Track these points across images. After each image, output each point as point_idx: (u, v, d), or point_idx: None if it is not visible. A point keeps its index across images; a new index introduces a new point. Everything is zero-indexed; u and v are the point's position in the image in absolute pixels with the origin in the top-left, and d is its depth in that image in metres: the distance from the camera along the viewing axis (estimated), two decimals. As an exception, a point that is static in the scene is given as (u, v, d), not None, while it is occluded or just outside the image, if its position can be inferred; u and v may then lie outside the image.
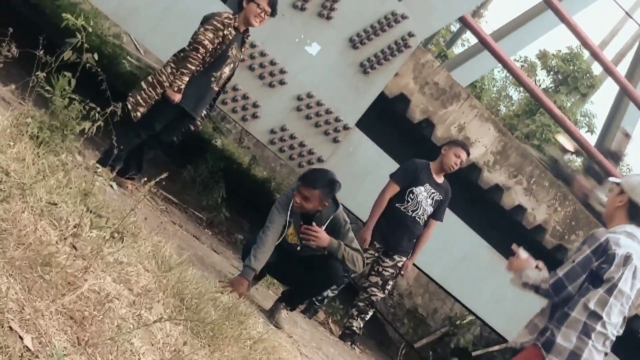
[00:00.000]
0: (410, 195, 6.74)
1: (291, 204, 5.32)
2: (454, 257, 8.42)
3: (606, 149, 10.08)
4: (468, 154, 6.95)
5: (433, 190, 6.79)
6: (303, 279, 5.37)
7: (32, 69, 4.18)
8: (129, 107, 5.62)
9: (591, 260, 3.92)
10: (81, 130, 4.34)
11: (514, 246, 4.26)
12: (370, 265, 6.89)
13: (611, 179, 4.35)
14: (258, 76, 6.94)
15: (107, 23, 10.47)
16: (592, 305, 3.91)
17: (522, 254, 4.20)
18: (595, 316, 3.92)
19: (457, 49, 23.08)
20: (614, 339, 4.04)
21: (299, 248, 5.36)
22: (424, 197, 6.76)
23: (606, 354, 4.05)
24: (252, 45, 6.70)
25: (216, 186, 7.82)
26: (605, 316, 3.94)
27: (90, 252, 3.18)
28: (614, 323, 3.99)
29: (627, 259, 3.91)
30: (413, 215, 6.76)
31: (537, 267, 4.19)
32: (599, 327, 3.93)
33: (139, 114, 5.67)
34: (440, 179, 6.88)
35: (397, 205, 6.75)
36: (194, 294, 3.90)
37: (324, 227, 5.31)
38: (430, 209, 6.80)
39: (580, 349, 3.91)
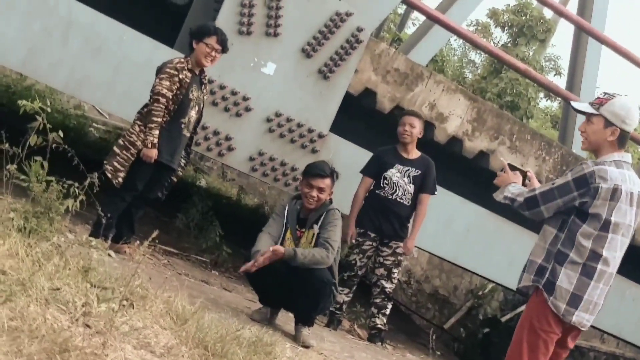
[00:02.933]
0: (385, 180, 6.86)
1: (286, 211, 5.43)
2: (458, 232, 8.45)
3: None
4: (419, 117, 7.01)
5: (406, 168, 6.86)
6: (297, 298, 5.41)
7: (1, 163, 4.20)
8: (109, 175, 5.64)
9: (571, 187, 3.92)
10: (65, 209, 4.36)
11: (502, 161, 4.37)
12: (373, 258, 6.96)
13: (584, 108, 4.06)
14: (223, 109, 6.96)
15: (65, 96, 10.49)
16: (588, 244, 3.91)
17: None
18: (595, 255, 3.92)
19: (410, 30, 23.18)
20: (615, 271, 4.04)
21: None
22: (399, 177, 6.84)
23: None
24: (210, 81, 6.71)
25: (211, 226, 7.83)
26: (606, 252, 3.93)
27: (104, 327, 3.18)
28: (617, 256, 3.99)
29: (614, 191, 3.90)
30: (394, 197, 6.84)
31: (527, 173, 4.28)
32: (599, 266, 3.93)
33: (120, 179, 5.69)
34: (412, 155, 6.93)
35: (377, 192, 6.89)
36: (216, 338, 3.91)
37: (318, 225, 5.45)
38: (410, 187, 6.85)
39: (581, 291, 3.92)
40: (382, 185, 6.86)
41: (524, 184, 4.25)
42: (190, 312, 4.10)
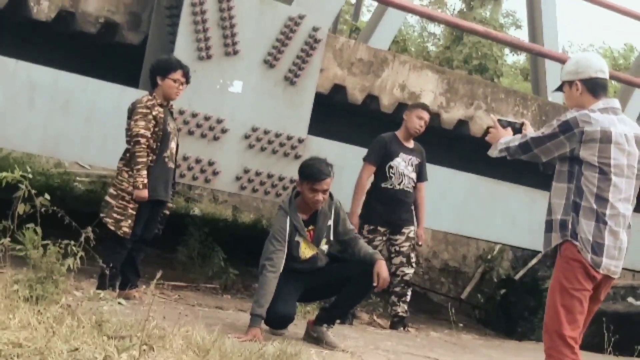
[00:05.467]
0: (391, 170, 6.89)
1: (288, 227, 5.37)
2: (455, 203, 8.52)
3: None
4: (429, 112, 7.13)
5: (409, 157, 6.98)
6: (344, 292, 5.44)
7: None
8: (112, 227, 5.67)
9: (556, 132, 4.01)
10: (67, 269, 4.40)
11: (492, 117, 4.45)
12: (387, 249, 7.00)
13: (553, 91, 4.56)
14: (200, 136, 7.00)
15: (43, 157, 10.51)
16: (594, 190, 3.96)
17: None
18: (602, 199, 3.94)
19: (365, 17, 23.22)
20: (628, 213, 4.04)
21: (317, 255, 5.44)
22: (404, 166, 6.93)
23: (629, 226, 4.08)
24: (181, 112, 6.77)
25: (213, 252, 7.87)
26: (612, 196, 3.95)
27: (129, 376, 3.23)
28: (623, 198, 4.00)
29: (604, 134, 3.95)
30: (401, 187, 6.91)
31: (522, 124, 4.39)
32: (609, 211, 3.95)
33: (126, 229, 5.71)
34: (410, 144, 7.06)
35: (382, 185, 6.90)
36: (241, 362, 3.96)
37: (331, 220, 5.43)
38: (414, 175, 6.99)
39: (600, 237, 3.93)
40: (388, 176, 6.89)
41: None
42: (210, 341, 4.14)
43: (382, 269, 5.32)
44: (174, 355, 3.75)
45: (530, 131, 4.33)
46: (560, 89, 4.29)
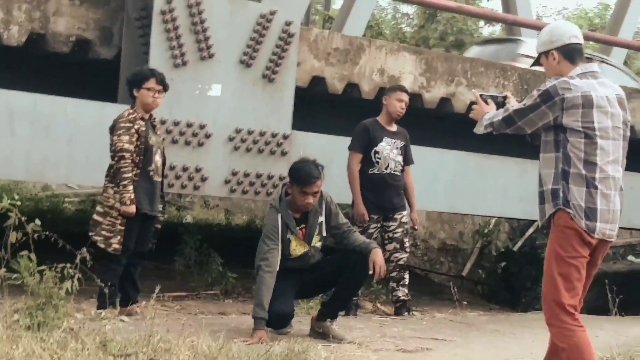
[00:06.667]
0: (376, 155, 6.88)
1: (280, 226, 5.35)
2: (445, 182, 8.53)
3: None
4: (408, 94, 7.11)
5: (393, 140, 6.97)
6: (341, 283, 5.43)
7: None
8: (102, 245, 5.64)
9: (538, 102, 3.98)
10: (66, 292, 4.37)
11: (474, 92, 4.45)
12: (380, 236, 6.99)
13: (532, 66, 4.60)
14: (184, 143, 6.98)
15: (30, 182, 10.46)
16: (581, 155, 3.95)
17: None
18: (590, 164, 3.92)
19: (337, 5, 23.16)
20: (618, 175, 4.03)
21: (309, 252, 5.43)
22: (389, 150, 6.92)
23: (621, 188, 4.07)
24: (162, 122, 6.74)
25: (209, 258, 7.86)
26: (600, 160, 3.93)
27: (139, 393, 3.21)
28: (611, 160, 3.97)
29: (585, 99, 3.93)
30: (388, 172, 6.90)
31: (505, 97, 4.35)
32: (598, 174, 3.93)
33: (116, 246, 5.69)
34: (393, 128, 7.05)
35: (370, 172, 6.89)
36: (250, 366, 3.95)
37: (323, 215, 5.42)
38: (400, 158, 6.98)
39: (593, 203, 3.91)
40: (374, 161, 6.88)
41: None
42: (216, 348, 4.13)
43: (377, 256, 5.30)
44: (182, 367, 3.73)
45: (513, 104, 4.31)
46: (537, 62, 4.28)
